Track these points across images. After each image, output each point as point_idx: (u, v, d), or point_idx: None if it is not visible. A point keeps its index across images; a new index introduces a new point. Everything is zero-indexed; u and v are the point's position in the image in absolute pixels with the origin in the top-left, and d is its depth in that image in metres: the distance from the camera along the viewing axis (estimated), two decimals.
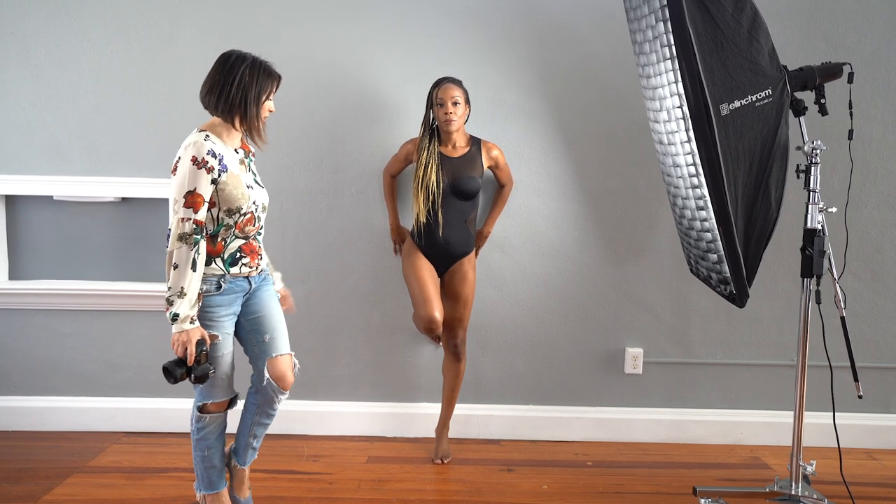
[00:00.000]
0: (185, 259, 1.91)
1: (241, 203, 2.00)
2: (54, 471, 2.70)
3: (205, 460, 2.18)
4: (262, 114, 2.04)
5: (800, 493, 2.44)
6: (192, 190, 1.91)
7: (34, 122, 2.98)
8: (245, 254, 2.08)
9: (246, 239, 2.08)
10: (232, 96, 1.96)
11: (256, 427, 2.26)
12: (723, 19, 2.18)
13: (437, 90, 2.66)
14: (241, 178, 2.02)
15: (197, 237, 1.92)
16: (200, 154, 1.92)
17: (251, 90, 1.98)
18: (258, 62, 2.02)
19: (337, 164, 3.02)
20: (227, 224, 2.01)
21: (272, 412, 2.25)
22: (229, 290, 2.06)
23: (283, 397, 2.22)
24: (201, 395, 2.12)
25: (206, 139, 1.96)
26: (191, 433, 2.19)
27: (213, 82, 1.99)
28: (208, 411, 2.14)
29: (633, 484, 2.71)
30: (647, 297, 3.10)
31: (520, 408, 3.15)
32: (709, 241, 2.42)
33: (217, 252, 2.03)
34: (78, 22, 2.94)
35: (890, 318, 3.09)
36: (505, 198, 2.95)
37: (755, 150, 2.25)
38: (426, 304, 2.67)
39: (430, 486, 2.66)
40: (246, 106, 1.98)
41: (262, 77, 2.01)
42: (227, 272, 2.05)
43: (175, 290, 1.91)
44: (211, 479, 2.20)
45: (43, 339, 3.08)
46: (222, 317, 2.06)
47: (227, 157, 2.00)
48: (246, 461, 2.31)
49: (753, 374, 3.13)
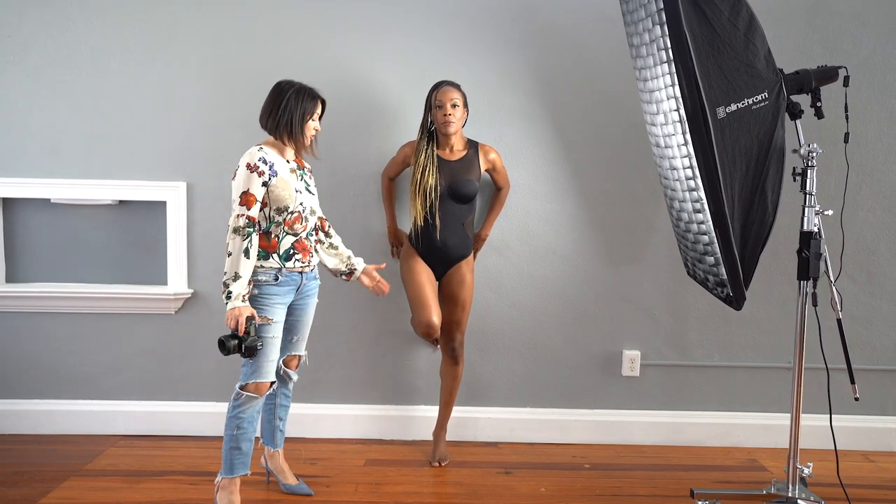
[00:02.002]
0: (238, 248, 2.22)
1: (288, 203, 2.31)
2: (51, 474, 2.69)
3: (233, 440, 2.33)
4: (307, 132, 2.34)
5: (797, 496, 2.44)
6: (246, 190, 2.23)
7: (31, 124, 2.98)
8: (297, 251, 2.37)
9: (296, 236, 2.36)
10: (279, 118, 2.29)
11: (279, 409, 2.59)
12: (719, 23, 2.19)
13: (436, 93, 2.67)
14: (291, 183, 2.33)
15: (249, 230, 2.24)
16: (253, 161, 2.25)
17: (296, 112, 2.30)
18: (304, 88, 2.33)
19: (335, 167, 3.03)
20: (278, 221, 2.32)
21: (289, 393, 2.61)
22: (285, 283, 2.35)
23: (295, 377, 2.58)
24: (246, 375, 2.31)
25: (260, 150, 2.29)
26: (227, 412, 2.34)
27: (267, 107, 2.33)
28: (249, 391, 2.32)
29: (631, 486, 2.72)
30: (644, 300, 3.10)
31: (517, 410, 3.15)
32: (706, 244, 2.42)
33: (273, 248, 2.33)
34: (76, 25, 2.94)
35: (886, 320, 3.10)
36: (502, 201, 2.96)
37: (752, 153, 2.26)
38: (424, 307, 2.67)
39: (427, 489, 2.66)
40: (292, 126, 2.30)
41: (306, 101, 2.32)
42: (283, 266, 2.34)
43: (230, 274, 2.21)
44: (233, 463, 2.34)
45: (40, 342, 3.08)
46: (276, 304, 2.33)
47: (278, 165, 2.32)
48: (278, 443, 2.61)
49: (750, 377, 3.14)
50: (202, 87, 2.98)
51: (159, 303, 3.03)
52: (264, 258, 2.31)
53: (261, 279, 2.30)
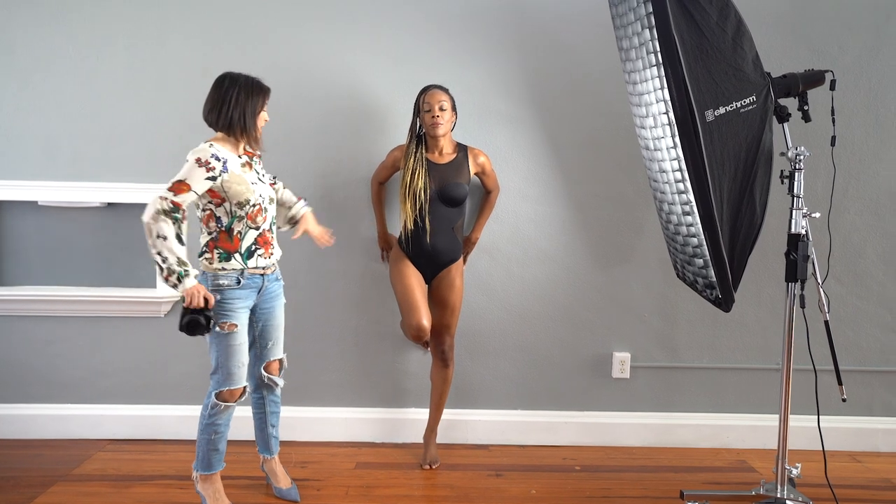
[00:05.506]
0: (171, 233, 2.13)
1: (248, 196, 2.25)
2: (38, 479, 2.66)
3: (209, 443, 2.33)
4: (258, 125, 2.30)
5: (785, 496, 2.46)
6: (183, 180, 2.17)
7: (19, 126, 2.95)
8: (259, 245, 2.32)
9: (258, 230, 2.31)
10: (231, 114, 2.23)
11: (270, 416, 2.56)
12: (708, 27, 2.20)
13: (424, 95, 2.67)
14: (245, 177, 2.27)
15: (176, 215, 2.14)
16: (205, 157, 2.20)
17: (247, 108, 2.24)
18: (251, 81, 2.27)
19: (324, 171, 3.02)
20: (240, 216, 2.26)
21: (277, 399, 2.57)
22: (247, 286, 2.30)
23: (281, 383, 2.54)
24: (218, 382, 2.29)
25: (210, 147, 2.24)
26: (200, 417, 2.34)
27: (212, 104, 2.25)
28: (224, 399, 2.31)
29: (621, 488, 2.72)
30: (634, 302, 3.12)
31: (508, 413, 3.15)
32: (695, 246, 2.44)
33: (235, 248, 2.27)
34: (64, 27, 2.92)
35: (873, 321, 3.13)
36: (492, 204, 2.96)
37: (740, 156, 2.28)
38: (413, 311, 2.67)
39: (418, 492, 2.65)
40: (245, 121, 2.25)
41: (255, 94, 2.27)
42: (245, 267, 2.29)
43: (172, 260, 2.13)
44: (210, 461, 2.36)
45: (27, 346, 3.05)
46: (239, 308, 2.29)
47: (230, 161, 2.26)
48: (273, 450, 2.58)
49: (739, 378, 3.16)
50: (192, 88, 2.96)
51: (148, 306, 3.01)
52: (225, 260, 2.26)
53: (223, 283, 2.25)
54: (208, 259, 2.27)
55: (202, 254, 2.29)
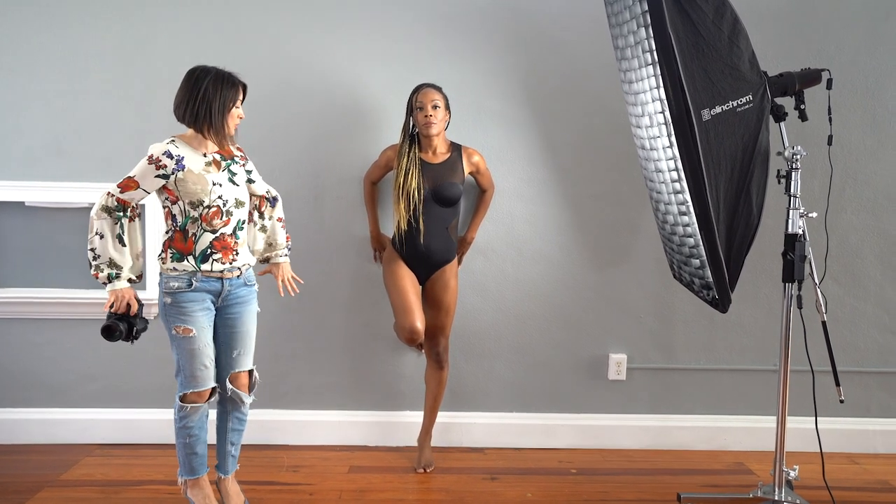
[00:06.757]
0: (110, 231, 2.10)
1: (201, 197, 2.15)
2: (25, 485, 2.62)
3: (186, 447, 2.28)
4: (229, 122, 2.18)
5: (783, 499, 2.45)
6: (132, 176, 2.12)
7: (4, 126, 2.91)
8: (216, 250, 2.20)
9: (215, 233, 2.19)
10: (198, 109, 2.12)
11: (231, 434, 2.40)
12: (704, 25, 2.19)
13: (417, 94, 2.65)
14: (206, 177, 2.17)
15: (119, 214, 2.11)
16: (157, 154, 2.12)
17: (215, 102, 2.13)
18: (221, 74, 2.16)
19: (317, 170, 2.99)
20: (193, 217, 2.16)
21: (242, 416, 2.40)
22: (200, 288, 2.19)
23: (248, 400, 2.38)
24: (182, 385, 2.23)
25: (170, 143, 2.15)
26: (173, 422, 2.28)
27: (181, 97, 2.15)
28: (190, 401, 2.24)
29: (618, 491, 2.70)
30: (630, 303, 3.09)
31: (503, 415, 3.12)
32: (691, 247, 2.42)
33: (189, 250, 2.17)
34: (50, 26, 2.88)
35: (870, 322, 3.12)
36: (487, 203, 2.93)
37: (736, 156, 2.26)
38: (407, 313, 2.64)
39: (412, 496, 2.62)
40: (212, 116, 2.13)
41: (226, 88, 2.15)
42: (198, 269, 2.18)
43: (104, 258, 2.10)
44: (192, 466, 2.30)
45: (13, 349, 3.00)
46: (196, 311, 2.19)
47: (188, 158, 2.16)
48: (228, 470, 2.42)
49: (736, 379, 3.14)
50: None
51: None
52: (178, 260, 2.16)
53: (173, 285, 2.16)
54: (162, 258, 2.19)
55: (160, 252, 2.21)
